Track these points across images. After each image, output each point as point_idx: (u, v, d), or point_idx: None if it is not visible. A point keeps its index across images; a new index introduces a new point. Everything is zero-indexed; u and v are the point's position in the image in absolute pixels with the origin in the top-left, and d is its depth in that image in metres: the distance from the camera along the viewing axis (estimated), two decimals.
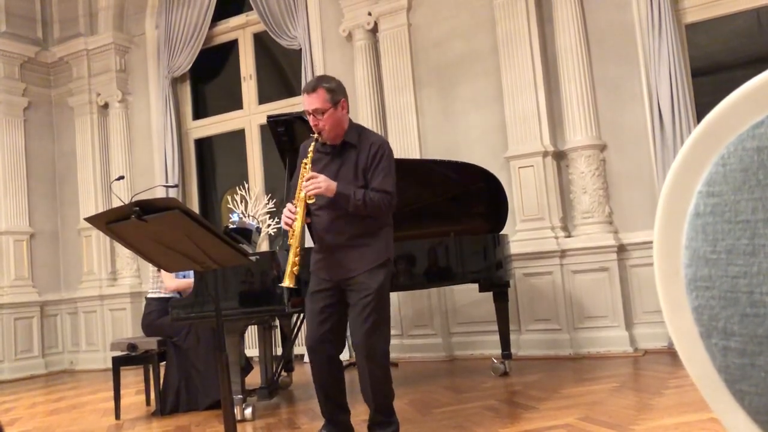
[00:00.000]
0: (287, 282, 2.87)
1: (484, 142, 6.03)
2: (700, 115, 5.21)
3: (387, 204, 3.04)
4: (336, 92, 3.07)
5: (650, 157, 5.40)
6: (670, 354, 4.97)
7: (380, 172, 3.06)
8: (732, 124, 0.73)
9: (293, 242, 2.91)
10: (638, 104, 5.49)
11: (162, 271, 4.77)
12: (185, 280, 4.69)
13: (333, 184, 2.95)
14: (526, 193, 5.70)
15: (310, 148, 3.07)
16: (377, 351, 3.02)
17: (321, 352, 3.12)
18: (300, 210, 2.94)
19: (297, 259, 2.88)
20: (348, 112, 3.17)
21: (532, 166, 5.68)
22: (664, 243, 0.80)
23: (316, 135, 3.07)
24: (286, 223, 2.97)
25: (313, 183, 2.93)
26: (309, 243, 3.38)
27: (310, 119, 3.05)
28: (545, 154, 5.65)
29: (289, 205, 3.02)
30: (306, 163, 3.03)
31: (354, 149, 3.10)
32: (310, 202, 2.98)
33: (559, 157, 5.74)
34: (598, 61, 5.63)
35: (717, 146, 0.74)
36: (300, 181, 3.00)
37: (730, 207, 0.71)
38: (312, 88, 3.05)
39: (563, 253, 5.49)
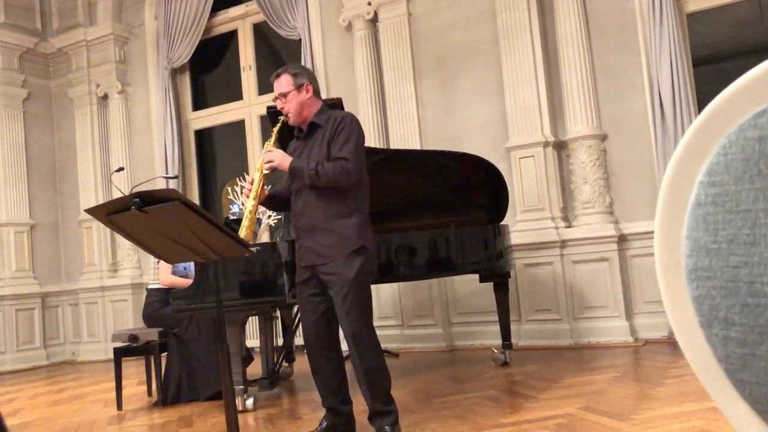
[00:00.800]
0: (243, 233, 3.01)
1: (484, 133, 6.02)
2: (701, 105, 5.20)
3: (341, 171, 3.03)
4: (299, 76, 3.21)
5: (651, 146, 5.39)
6: (670, 344, 4.98)
7: (339, 142, 3.11)
8: (733, 114, 0.73)
9: (247, 208, 3.10)
10: (639, 94, 5.47)
11: (160, 264, 4.78)
12: (181, 279, 4.69)
13: (287, 159, 3.13)
14: (527, 183, 5.70)
15: (275, 129, 3.30)
16: (365, 339, 3.05)
17: (315, 342, 3.17)
18: (256, 180, 3.14)
19: (250, 223, 3.06)
20: (315, 95, 3.25)
21: (533, 156, 5.67)
22: (664, 233, 0.80)
23: (283, 117, 3.26)
24: (246, 191, 3.19)
25: (268, 155, 3.14)
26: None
27: (278, 104, 3.23)
28: (546, 144, 5.64)
29: (248, 177, 3.25)
30: (268, 142, 3.25)
31: (320, 129, 3.20)
32: (265, 172, 3.15)
33: (560, 147, 5.73)
34: (599, 51, 5.61)
35: (718, 136, 0.74)
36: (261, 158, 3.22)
37: (731, 197, 0.71)
38: (277, 75, 3.24)
39: (564, 244, 5.49)
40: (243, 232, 3.00)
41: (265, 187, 3.22)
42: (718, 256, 0.72)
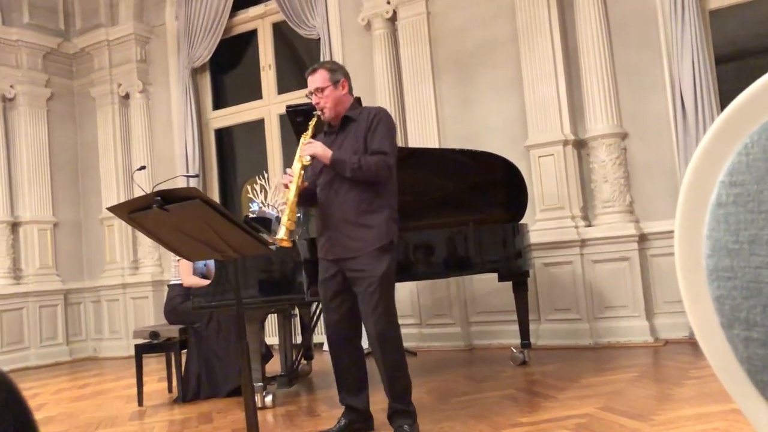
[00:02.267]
0: (281, 234, 2.91)
1: (503, 131, 5.99)
2: (723, 103, 5.14)
3: (384, 164, 3.05)
4: (336, 72, 3.21)
5: (672, 145, 5.34)
6: (691, 344, 4.93)
7: (377, 135, 3.11)
8: (756, 113, 0.72)
9: (289, 199, 2.98)
10: (660, 92, 5.42)
11: (180, 263, 4.81)
12: (201, 281, 4.71)
13: (328, 151, 3.07)
14: (546, 182, 5.67)
15: (312, 122, 3.22)
16: (389, 338, 3.05)
17: (337, 339, 3.19)
18: (296, 173, 3.03)
19: (293, 214, 2.95)
20: (349, 92, 3.24)
21: (553, 155, 5.64)
22: (685, 233, 0.79)
23: (318, 112, 3.21)
24: (284, 184, 3.07)
25: (310, 146, 3.08)
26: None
27: (313, 98, 3.20)
28: (565, 142, 5.61)
29: (287, 169, 3.13)
30: (306, 134, 3.16)
31: (353, 122, 3.19)
32: (306, 164, 3.08)
33: (580, 145, 5.70)
34: (620, 49, 5.57)
35: (740, 135, 0.73)
36: (298, 150, 3.12)
37: (752, 197, 0.70)
38: (313, 70, 3.22)
39: (583, 243, 5.46)
40: (285, 223, 2.92)
41: (304, 179, 3.15)
42: (740, 257, 0.72)
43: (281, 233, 2.92)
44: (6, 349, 7.59)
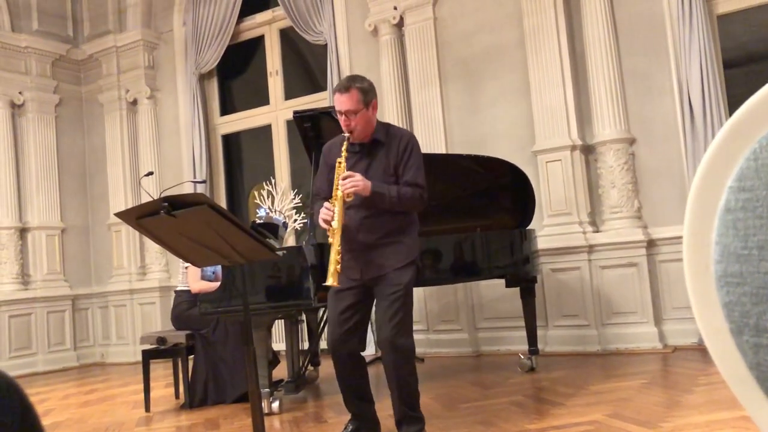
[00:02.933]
0: (331, 281, 2.84)
1: (510, 137, 5.99)
2: (731, 108, 5.12)
3: (419, 197, 3.08)
4: (368, 93, 3.08)
5: (680, 151, 5.32)
6: (700, 351, 4.90)
7: (411, 167, 3.09)
8: (765, 118, 0.72)
9: (334, 240, 2.87)
10: (668, 97, 5.40)
11: (189, 269, 4.82)
12: (210, 284, 4.71)
13: (368, 183, 2.96)
14: (554, 187, 5.65)
15: (343, 148, 3.04)
16: (404, 345, 3.03)
17: (343, 351, 3.13)
18: (338, 208, 2.92)
19: (339, 257, 2.86)
20: (376, 111, 3.16)
21: (560, 160, 5.63)
22: (694, 238, 0.79)
23: (347, 134, 3.06)
24: (325, 221, 2.93)
25: (351, 181, 2.92)
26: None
27: (342, 119, 3.05)
28: (573, 148, 5.59)
29: (326, 203, 2.99)
30: (341, 162, 3.01)
31: (382, 146, 3.12)
32: (348, 200, 2.96)
33: (588, 151, 5.68)
34: (627, 54, 5.56)
35: (749, 140, 0.73)
36: (336, 179, 2.97)
37: (761, 202, 0.70)
38: (345, 88, 3.04)
39: (591, 249, 5.44)
40: (332, 269, 2.82)
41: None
42: (749, 263, 0.71)
43: (330, 280, 2.83)
44: (14, 355, 7.62)
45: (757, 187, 0.70)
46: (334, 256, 2.85)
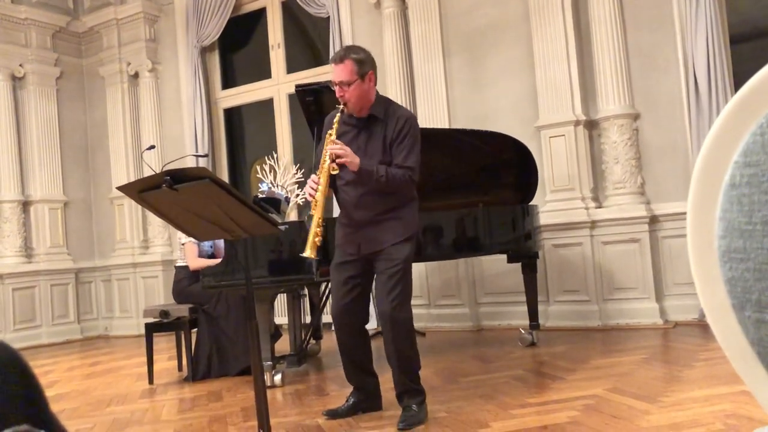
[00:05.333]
0: (308, 252, 2.85)
1: (514, 112, 5.95)
2: (738, 84, 5.08)
3: (407, 180, 3.04)
4: (364, 64, 3.03)
5: (685, 126, 5.29)
6: (700, 326, 4.92)
7: (404, 149, 3.04)
8: None
9: (315, 213, 2.89)
10: (673, 72, 5.36)
11: (186, 246, 4.82)
12: (209, 261, 4.71)
13: (357, 159, 2.94)
14: (557, 163, 5.63)
15: (335, 120, 3.03)
16: (402, 319, 3.06)
17: (346, 322, 3.18)
18: (323, 180, 2.91)
19: (319, 230, 2.87)
20: (376, 84, 3.12)
21: (563, 135, 5.60)
22: (697, 214, 0.78)
23: (341, 106, 3.04)
24: (309, 194, 2.94)
25: (337, 150, 2.91)
26: (331, 214, 3.38)
27: (336, 90, 3.02)
28: (577, 123, 5.56)
29: (312, 176, 2.99)
30: (330, 134, 3.00)
31: (380, 123, 3.08)
32: (333, 173, 2.95)
33: (591, 126, 5.65)
34: (633, 28, 5.50)
35: (755, 115, 0.72)
36: (324, 152, 2.97)
37: (767, 178, 0.69)
38: (340, 59, 3.02)
39: (593, 224, 5.44)
40: (311, 240, 2.83)
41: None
42: (753, 238, 0.71)
43: (307, 251, 2.84)
44: (18, 327, 7.67)
45: (762, 162, 0.70)
46: (314, 229, 2.86)
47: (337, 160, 2.91)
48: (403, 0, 6.50)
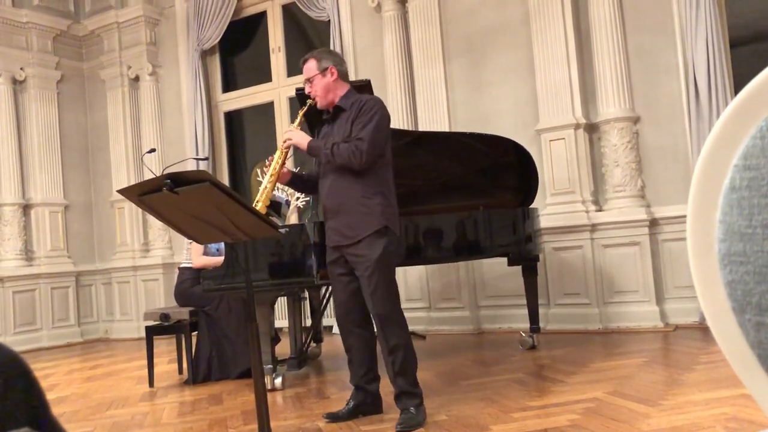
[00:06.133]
0: (260, 207, 3.10)
1: (514, 115, 5.96)
2: (738, 87, 5.08)
3: (355, 150, 3.07)
4: (323, 60, 3.28)
5: (685, 129, 5.30)
6: (701, 329, 4.92)
7: (360, 124, 3.15)
8: None
9: (264, 185, 3.23)
10: (673, 75, 5.37)
11: (192, 245, 4.83)
12: (212, 259, 4.72)
13: (306, 139, 3.25)
14: (557, 166, 5.64)
15: (300, 111, 3.40)
16: (390, 319, 3.10)
17: (347, 319, 3.26)
18: (277, 156, 3.29)
19: (266, 200, 3.17)
20: (340, 78, 3.28)
21: (564, 138, 5.61)
22: (697, 217, 0.78)
23: (310, 101, 3.34)
24: (265, 169, 3.32)
25: (288, 132, 3.31)
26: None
27: (306, 87, 3.33)
28: (577, 126, 5.57)
29: (270, 156, 3.36)
30: (291, 124, 3.38)
31: (345, 112, 3.25)
32: (284, 150, 3.30)
33: (591, 129, 5.66)
34: (633, 32, 5.51)
35: (755, 118, 0.72)
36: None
37: (767, 181, 0.69)
38: (304, 61, 3.34)
39: (594, 227, 5.44)
40: (258, 206, 3.09)
41: (285, 166, 3.35)
42: (753, 241, 0.71)
43: (259, 205, 3.13)
44: (18, 330, 7.67)
45: (762, 165, 0.70)
46: (264, 186, 3.22)
47: (285, 143, 3.26)
48: (404, 3, 6.51)
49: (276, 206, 4.86)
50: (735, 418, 2.65)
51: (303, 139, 3.26)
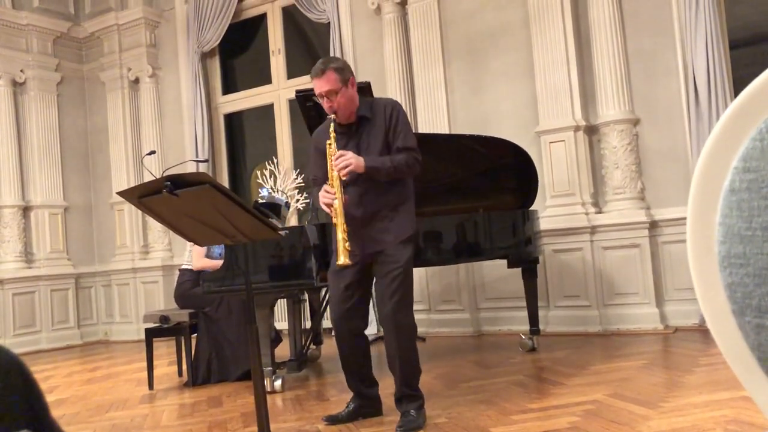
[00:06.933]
0: (342, 260, 2.90)
1: (514, 117, 5.96)
2: (737, 89, 5.08)
3: (414, 160, 3.11)
4: (344, 71, 3.09)
5: (685, 131, 5.30)
6: (701, 331, 4.92)
7: (400, 132, 3.12)
8: None
9: (338, 221, 2.94)
10: (673, 78, 5.37)
11: (194, 247, 4.84)
12: (212, 262, 4.72)
13: (361, 160, 3.00)
14: (557, 168, 5.64)
15: (331, 129, 3.08)
16: (405, 322, 3.07)
17: (345, 329, 3.18)
18: (337, 188, 2.96)
19: (345, 235, 2.92)
20: (355, 88, 3.17)
21: (563, 140, 5.61)
22: (697, 219, 0.78)
23: (331, 116, 3.09)
24: (326, 204, 2.98)
25: (343, 160, 2.96)
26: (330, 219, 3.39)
27: (324, 102, 3.07)
28: (577, 128, 5.57)
29: (325, 186, 3.03)
30: (330, 144, 3.04)
31: (369, 122, 3.15)
32: (345, 179, 2.99)
33: (591, 131, 5.66)
34: (632, 34, 5.51)
35: (754, 120, 0.72)
36: (329, 162, 3.02)
37: (766, 183, 0.69)
38: (320, 71, 3.06)
39: (594, 229, 5.44)
40: (342, 248, 2.89)
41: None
42: (752, 243, 0.71)
43: (341, 259, 2.89)
44: (18, 332, 7.67)
45: (762, 167, 0.70)
46: (341, 236, 2.91)
47: (344, 166, 2.95)
48: (403, 6, 6.51)
49: (275, 208, 4.86)
50: (735, 420, 2.65)
51: (359, 160, 2.99)
